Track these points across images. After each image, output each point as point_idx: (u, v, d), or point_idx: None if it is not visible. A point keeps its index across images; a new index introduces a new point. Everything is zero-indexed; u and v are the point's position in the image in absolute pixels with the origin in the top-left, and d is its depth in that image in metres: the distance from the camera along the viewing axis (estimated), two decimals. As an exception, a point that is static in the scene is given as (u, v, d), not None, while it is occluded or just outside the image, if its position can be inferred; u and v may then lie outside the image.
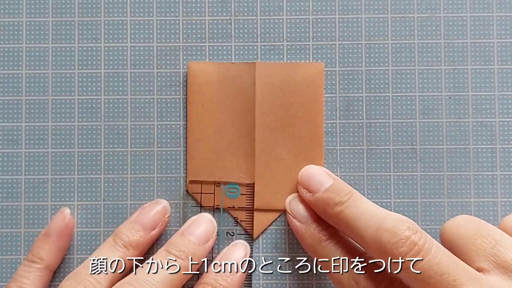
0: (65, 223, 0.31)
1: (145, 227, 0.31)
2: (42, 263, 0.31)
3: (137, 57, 0.33)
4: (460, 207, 0.32)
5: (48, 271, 0.31)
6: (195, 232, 0.30)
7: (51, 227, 0.31)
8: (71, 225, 0.32)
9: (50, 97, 0.33)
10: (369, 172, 0.32)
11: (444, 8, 0.33)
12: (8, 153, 0.33)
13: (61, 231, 0.31)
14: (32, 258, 0.31)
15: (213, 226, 0.31)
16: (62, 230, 0.31)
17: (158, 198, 0.32)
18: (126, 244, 0.30)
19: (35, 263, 0.31)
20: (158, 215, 0.31)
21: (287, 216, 0.31)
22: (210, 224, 0.31)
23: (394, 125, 0.32)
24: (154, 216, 0.31)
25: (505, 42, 0.32)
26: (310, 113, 0.32)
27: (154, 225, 0.31)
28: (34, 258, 0.31)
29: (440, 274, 0.24)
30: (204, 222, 0.31)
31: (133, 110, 0.33)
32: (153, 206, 0.32)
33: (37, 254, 0.31)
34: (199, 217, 0.31)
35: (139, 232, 0.30)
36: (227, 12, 0.33)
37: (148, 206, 0.32)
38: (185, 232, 0.30)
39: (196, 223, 0.31)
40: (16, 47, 0.33)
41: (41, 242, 0.31)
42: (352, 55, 0.33)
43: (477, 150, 0.32)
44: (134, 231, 0.30)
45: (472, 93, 0.32)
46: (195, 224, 0.31)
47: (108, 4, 0.33)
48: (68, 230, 0.32)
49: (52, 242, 0.31)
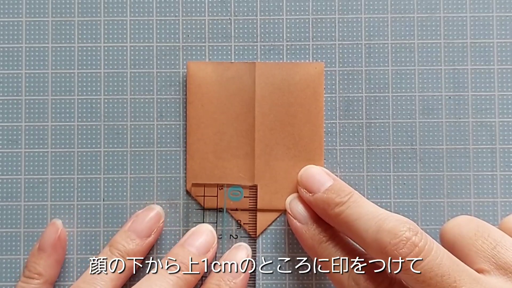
0: (57, 235, 0.31)
1: (140, 235, 0.30)
2: (41, 278, 0.30)
3: (137, 57, 0.33)
4: (460, 207, 0.32)
5: (48, 285, 0.31)
6: (195, 243, 0.30)
7: (44, 241, 0.31)
8: (64, 238, 0.31)
9: (50, 97, 0.33)
10: (369, 172, 0.32)
11: (444, 8, 0.33)
12: (8, 153, 0.33)
13: (54, 244, 0.31)
14: (30, 274, 0.30)
15: (213, 237, 0.31)
16: (55, 243, 0.31)
17: (151, 204, 0.32)
18: (123, 253, 0.30)
19: (34, 279, 0.30)
20: (152, 221, 0.31)
21: (287, 217, 0.31)
22: (210, 235, 0.31)
23: (394, 125, 0.32)
24: (149, 223, 0.31)
25: (505, 42, 0.32)
26: (310, 113, 0.32)
27: (149, 232, 0.31)
28: (32, 274, 0.30)
29: (441, 276, 0.24)
30: (205, 233, 0.31)
31: (133, 110, 0.33)
32: (147, 213, 0.31)
33: (34, 270, 0.30)
34: (200, 227, 0.31)
35: (135, 241, 0.30)
36: (227, 12, 0.33)
37: (141, 213, 0.31)
38: (185, 243, 0.30)
39: (196, 234, 0.31)
40: (16, 47, 0.33)
41: (36, 257, 0.31)
42: (352, 55, 0.33)
43: (477, 150, 0.32)
44: (130, 239, 0.30)
45: (472, 93, 0.32)
46: (196, 235, 0.31)
47: (108, 4, 0.33)
48: (62, 242, 0.31)
49: (47, 256, 0.31)
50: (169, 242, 0.32)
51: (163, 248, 0.32)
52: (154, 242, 0.31)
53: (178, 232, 0.32)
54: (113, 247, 0.30)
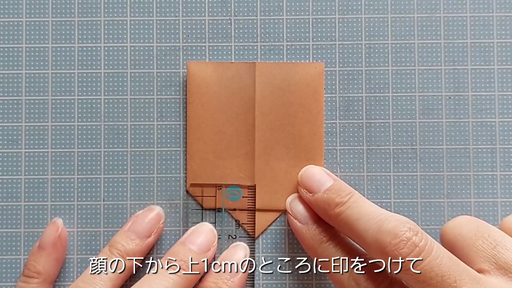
0: (58, 234, 0.31)
1: (140, 235, 0.30)
2: (41, 277, 0.30)
3: (137, 57, 0.33)
4: (460, 207, 0.32)
5: (47, 284, 0.31)
6: (196, 241, 0.30)
7: (44, 239, 0.31)
8: (65, 236, 0.31)
9: (50, 97, 0.33)
10: (369, 172, 0.32)
11: (444, 8, 0.33)
12: (8, 153, 0.33)
13: (54, 242, 0.31)
14: (29, 273, 0.30)
15: (213, 235, 0.31)
16: (56, 242, 0.31)
17: (151, 205, 0.32)
18: (123, 253, 0.30)
19: (33, 278, 0.30)
20: (152, 222, 0.31)
21: (288, 217, 0.31)
22: (211, 233, 0.31)
23: (394, 125, 0.32)
24: (149, 224, 0.31)
25: (505, 42, 0.32)
26: (310, 113, 0.32)
27: (149, 233, 0.31)
28: (31, 273, 0.30)
29: (441, 276, 0.24)
30: (205, 231, 0.31)
31: (133, 110, 0.33)
32: (147, 213, 0.31)
33: (34, 269, 0.30)
34: (200, 226, 0.31)
35: (134, 241, 0.30)
36: (227, 12, 0.33)
37: (141, 214, 0.31)
38: (185, 241, 0.30)
39: (196, 232, 0.31)
40: (16, 47, 0.33)
41: (36, 256, 0.31)
42: (352, 55, 0.33)
43: (477, 150, 0.32)
44: (130, 239, 0.30)
45: (472, 93, 0.32)
46: (196, 233, 0.31)
47: (108, 4, 0.33)
48: (62, 241, 0.31)
49: (47, 255, 0.30)
50: (169, 242, 0.32)
51: (163, 248, 0.32)
52: (154, 242, 0.31)
53: (178, 232, 0.32)
54: (112, 247, 0.30)
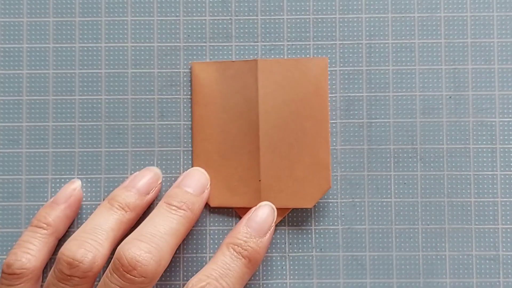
0: (74, 191, 0.31)
1: (140, 191, 0.31)
2: (49, 229, 0.30)
3: (138, 57, 0.33)
4: (460, 207, 0.32)
5: (54, 238, 0.30)
6: (191, 184, 0.31)
7: (59, 195, 0.31)
8: (80, 196, 0.32)
9: (50, 97, 0.33)
10: (370, 172, 0.32)
11: (444, 7, 0.33)
12: (8, 153, 0.33)
13: (69, 197, 0.31)
14: (38, 223, 0.30)
15: (206, 178, 0.31)
16: (70, 198, 0.31)
17: (148, 166, 0.32)
18: (123, 205, 0.30)
19: (41, 229, 0.30)
20: (151, 180, 0.31)
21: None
22: (203, 176, 0.31)
23: (395, 125, 0.32)
24: (148, 181, 0.31)
25: (506, 41, 0.33)
26: (314, 108, 0.32)
27: (148, 190, 0.31)
28: (40, 223, 0.30)
29: None
30: (198, 174, 0.31)
31: (133, 110, 0.33)
32: (145, 172, 0.32)
33: (44, 220, 0.30)
34: (192, 170, 0.32)
35: (134, 195, 0.30)
36: (228, 12, 0.33)
37: (140, 173, 0.32)
38: (180, 184, 0.31)
39: (190, 176, 0.31)
40: (16, 47, 0.33)
41: (48, 208, 0.31)
42: (352, 55, 0.33)
43: (477, 150, 0.32)
44: (130, 193, 0.30)
45: (472, 92, 0.32)
46: (189, 177, 0.31)
47: (109, 4, 0.33)
48: (76, 198, 0.31)
49: (60, 210, 0.31)
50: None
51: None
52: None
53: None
54: (113, 200, 0.30)
